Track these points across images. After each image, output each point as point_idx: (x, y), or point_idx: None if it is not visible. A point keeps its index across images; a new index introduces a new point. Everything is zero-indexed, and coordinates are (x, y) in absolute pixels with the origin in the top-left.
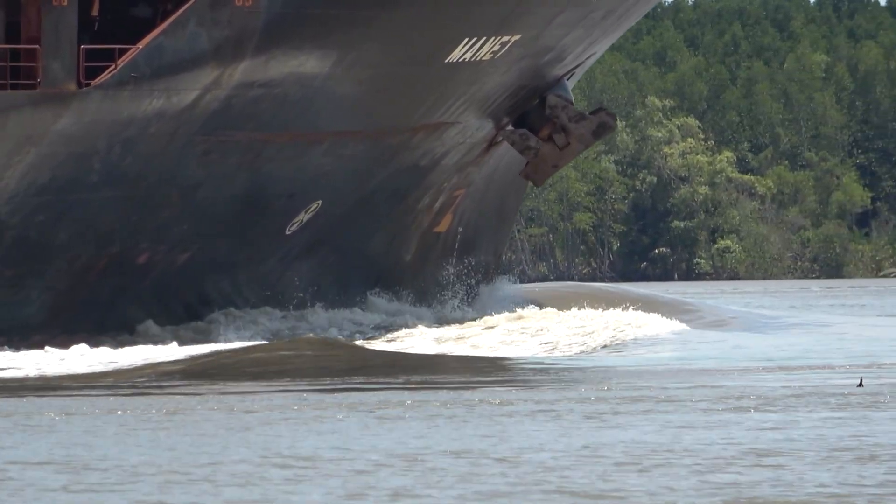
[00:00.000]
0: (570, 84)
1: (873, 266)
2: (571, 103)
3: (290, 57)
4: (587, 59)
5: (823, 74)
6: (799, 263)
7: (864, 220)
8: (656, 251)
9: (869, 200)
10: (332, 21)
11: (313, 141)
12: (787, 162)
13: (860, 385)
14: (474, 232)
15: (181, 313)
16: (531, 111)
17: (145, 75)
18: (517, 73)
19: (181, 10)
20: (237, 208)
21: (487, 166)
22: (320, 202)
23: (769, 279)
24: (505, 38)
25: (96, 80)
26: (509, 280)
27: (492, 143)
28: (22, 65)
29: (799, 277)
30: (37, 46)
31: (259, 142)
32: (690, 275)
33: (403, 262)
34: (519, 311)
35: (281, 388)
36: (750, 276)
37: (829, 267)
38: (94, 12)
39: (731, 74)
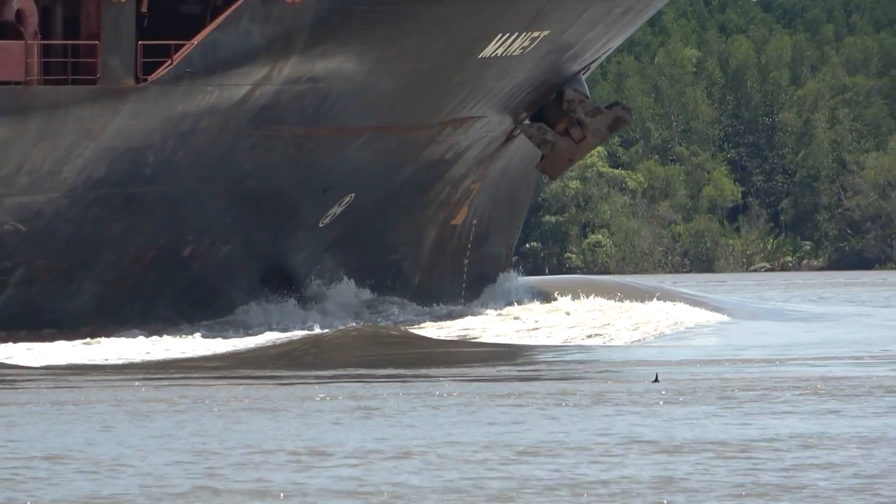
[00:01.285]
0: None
1: (744, 260)
2: (588, 98)
3: (336, 53)
4: (603, 55)
5: (694, 69)
6: (670, 258)
7: (734, 215)
8: (527, 246)
9: (740, 195)
10: (376, 17)
11: (352, 135)
12: (657, 156)
13: (655, 381)
14: (488, 224)
15: (220, 305)
16: (549, 105)
17: (199, 71)
18: (541, 69)
19: (234, 7)
20: (278, 201)
21: (503, 160)
22: (353, 195)
23: (640, 274)
24: (535, 34)
25: (153, 75)
26: (518, 273)
27: (510, 137)
28: (81, 60)
29: (670, 272)
30: (96, 42)
31: (302, 136)
32: (561, 269)
33: (422, 254)
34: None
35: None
36: (620, 271)
37: (700, 262)
38: (144, 9)
39: (602, 69)
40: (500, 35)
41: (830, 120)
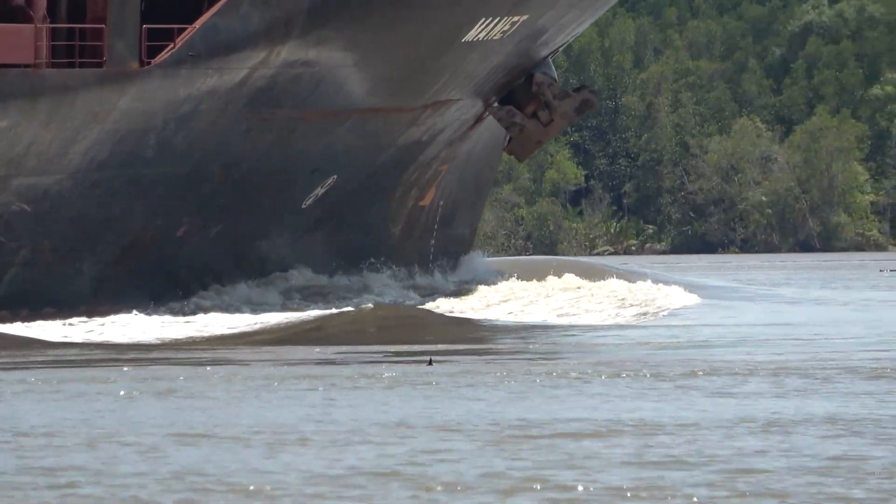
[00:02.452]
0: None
1: (587, 244)
2: (556, 81)
3: (331, 38)
4: (570, 39)
5: None
6: (513, 241)
7: (577, 199)
8: None
9: (583, 179)
10: (370, 2)
11: (341, 118)
12: None
13: (429, 363)
14: (454, 206)
15: (213, 284)
16: (518, 89)
17: (201, 54)
18: (515, 53)
19: None
20: (268, 183)
21: (469, 142)
22: (335, 177)
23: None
24: (515, 18)
25: (156, 58)
26: (482, 254)
27: (478, 120)
28: (87, 44)
29: (513, 255)
30: (102, 26)
31: (295, 119)
32: None
33: (394, 234)
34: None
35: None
36: None
37: (543, 245)
38: None
39: None
40: (483, 19)
41: (673, 103)
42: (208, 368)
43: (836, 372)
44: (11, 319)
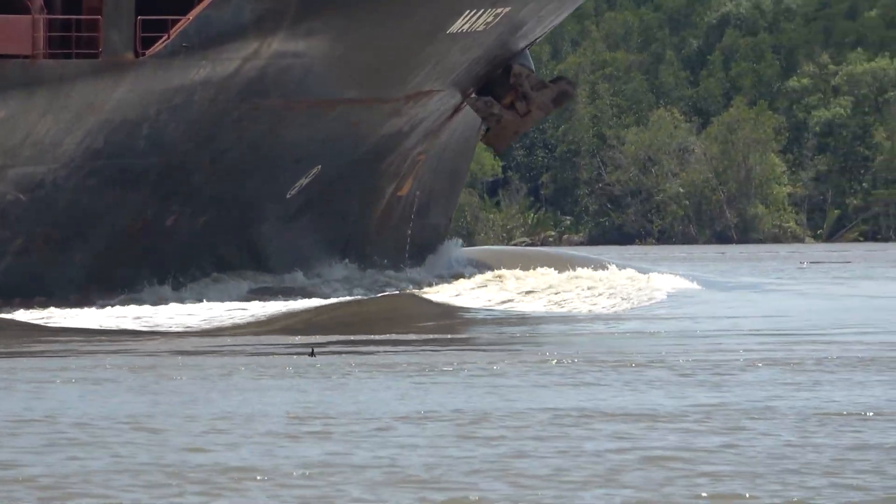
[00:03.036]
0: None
1: (504, 235)
2: (533, 72)
3: (320, 29)
4: (546, 30)
5: None
6: None
7: (494, 189)
8: None
9: (500, 169)
10: None
11: (327, 108)
12: None
13: (312, 355)
14: (430, 195)
15: (197, 274)
16: (496, 80)
17: (195, 45)
18: (496, 44)
19: None
20: (254, 173)
21: (446, 133)
22: (319, 167)
23: None
24: (498, 10)
25: (150, 49)
26: (457, 244)
27: (456, 111)
28: (83, 34)
29: None
30: (98, 17)
31: (283, 109)
32: None
33: (372, 224)
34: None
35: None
36: None
37: (461, 236)
38: None
39: None
40: (468, 11)
41: (591, 95)
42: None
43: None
44: (3, 308)
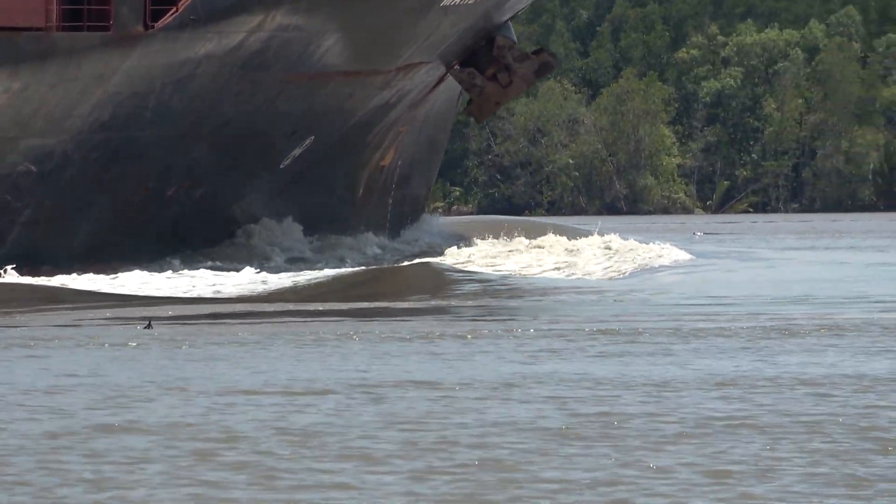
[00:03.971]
0: None
1: None
2: (515, 44)
3: (321, 1)
4: (528, 2)
5: None
6: None
7: None
8: None
9: None
10: None
11: (323, 80)
12: None
13: (148, 327)
14: (410, 166)
15: (198, 243)
16: (479, 51)
17: (202, 18)
18: (482, 16)
19: None
20: (252, 145)
21: (427, 104)
22: (313, 138)
23: None
24: None
25: (159, 22)
26: (434, 214)
27: (439, 82)
28: (94, 7)
29: None
30: None
31: (282, 81)
32: None
33: (357, 194)
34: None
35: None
36: None
37: None
38: None
39: None
40: None
41: None
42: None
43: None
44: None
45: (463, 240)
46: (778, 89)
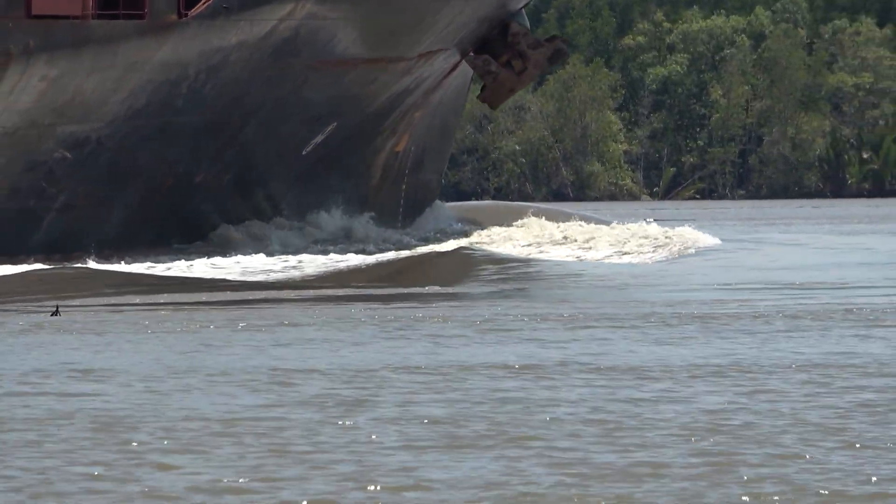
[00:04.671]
0: None
1: None
2: (529, 31)
3: None
4: None
5: None
6: None
7: None
8: None
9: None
10: None
11: (349, 67)
12: None
13: (55, 314)
14: (423, 152)
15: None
16: (493, 38)
17: (234, 6)
18: (498, 3)
19: None
20: (277, 131)
21: (441, 89)
22: (335, 124)
23: None
24: None
25: (193, 10)
26: (441, 202)
27: (453, 69)
28: None
29: None
30: None
31: (309, 68)
32: None
33: (373, 179)
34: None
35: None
36: None
37: None
38: None
39: None
40: None
41: None
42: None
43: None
44: (46, 263)
45: (481, 226)
46: (724, 76)
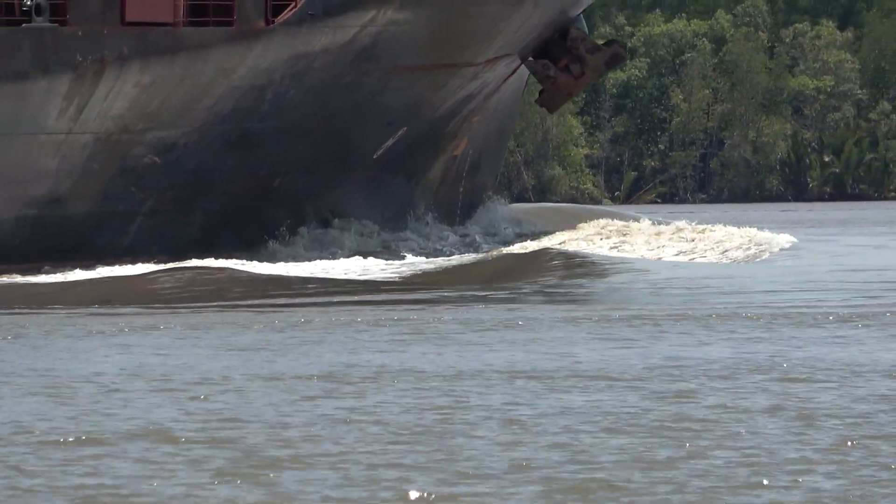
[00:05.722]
0: None
1: None
2: (587, 36)
3: None
4: None
5: None
6: None
7: None
8: None
9: None
10: None
11: (423, 72)
12: None
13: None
14: (480, 155)
15: (302, 231)
16: (552, 43)
17: (319, 13)
18: (562, 9)
19: None
20: (352, 136)
21: (498, 93)
22: (406, 129)
23: None
24: None
25: (279, 17)
26: (502, 202)
27: (511, 73)
28: (218, 3)
29: None
30: None
31: (387, 74)
32: None
33: (434, 182)
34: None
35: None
36: None
37: None
38: None
39: None
40: None
41: None
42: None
43: None
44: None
45: (542, 227)
46: (685, 80)
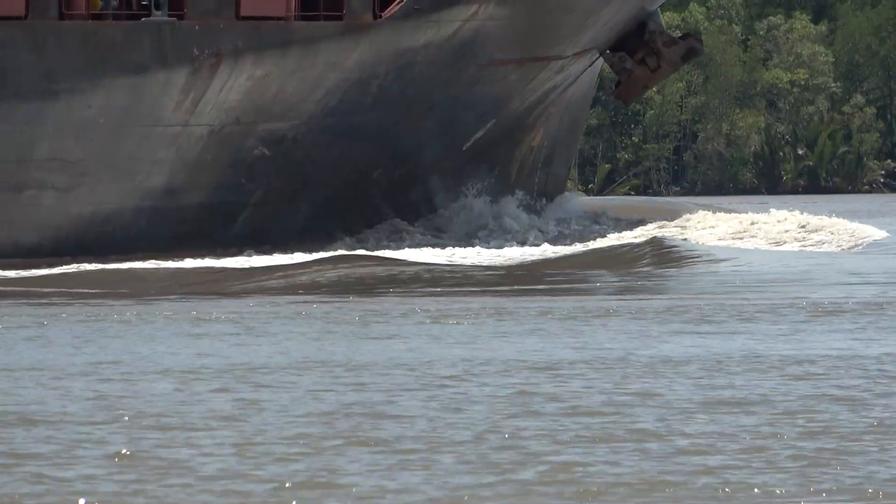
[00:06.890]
0: None
1: None
2: (665, 29)
3: None
4: None
5: None
6: None
7: None
8: None
9: None
10: None
11: (515, 66)
12: None
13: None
14: (554, 146)
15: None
16: (630, 36)
17: (425, 8)
18: (642, 3)
19: None
20: (447, 128)
21: (574, 86)
22: (494, 121)
23: None
24: None
25: (386, 11)
26: (575, 194)
27: (590, 66)
28: None
29: None
30: None
31: (482, 67)
32: None
33: (513, 173)
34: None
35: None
36: None
37: None
38: None
39: None
40: None
41: None
42: None
43: None
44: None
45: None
46: None
